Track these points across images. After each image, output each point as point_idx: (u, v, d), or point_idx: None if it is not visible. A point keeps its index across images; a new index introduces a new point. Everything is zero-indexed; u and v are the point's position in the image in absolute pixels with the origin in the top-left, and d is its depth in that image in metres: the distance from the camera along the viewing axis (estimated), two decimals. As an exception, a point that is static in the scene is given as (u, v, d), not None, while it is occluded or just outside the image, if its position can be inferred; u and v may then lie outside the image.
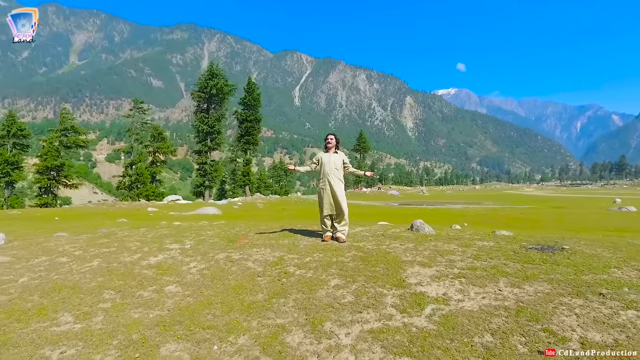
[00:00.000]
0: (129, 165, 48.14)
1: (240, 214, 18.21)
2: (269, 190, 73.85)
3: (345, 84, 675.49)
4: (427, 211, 20.71)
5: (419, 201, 38.42)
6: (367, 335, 2.98)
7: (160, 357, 2.89)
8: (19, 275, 4.91)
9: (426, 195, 54.89)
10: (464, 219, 15.45)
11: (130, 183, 47.30)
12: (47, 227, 10.74)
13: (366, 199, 41.04)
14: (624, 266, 4.16)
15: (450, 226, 8.18)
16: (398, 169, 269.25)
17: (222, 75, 47.29)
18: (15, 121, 47.50)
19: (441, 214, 18.64)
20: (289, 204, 29.30)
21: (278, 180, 79.62)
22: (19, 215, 18.05)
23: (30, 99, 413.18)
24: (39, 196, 44.89)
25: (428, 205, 29.07)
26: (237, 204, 28.34)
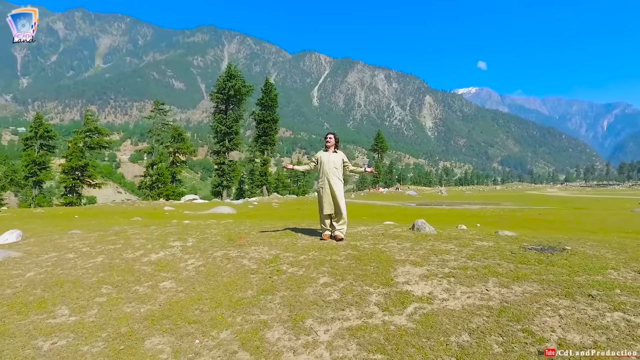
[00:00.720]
0: (150, 165, 49.30)
1: (254, 214, 18.38)
2: (287, 190, 74.28)
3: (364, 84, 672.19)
4: (441, 211, 20.44)
5: (437, 201, 37.92)
6: (345, 333, 3.00)
7: (143, 349, 2.99)
8: (27, 270, 5.13)
9: (444, 195, 54.13)
10: (479, 219, 15.20)
11: (151, 183, 48.42)
12: (65, 225, 11.14)
13: (382, 199, 40.79)
14: (622, 267, 4.04)
15: (457, 226, 8.07)
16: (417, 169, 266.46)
17: (239, 76, 47.84)
18: (42, 123, 49.26)
19: (455, 214, 18.37)
20: (304, 204, 29.41)
21: (295, 180, 79.96)
22: (42, 213, 18.76)
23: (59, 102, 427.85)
24: (65, 195, 46.40)
25: (444, 206, 28.67)
26: (253, 204, 28.64)
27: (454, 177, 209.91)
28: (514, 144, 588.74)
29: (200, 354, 2.89)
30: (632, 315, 2.91)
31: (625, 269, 3.99)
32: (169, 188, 46.97)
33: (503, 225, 12.86)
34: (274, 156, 55.89)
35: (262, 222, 9.61)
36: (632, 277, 3.74)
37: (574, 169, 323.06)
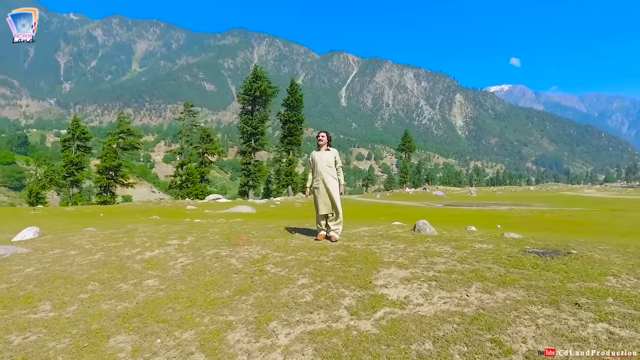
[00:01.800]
0: (180, 165, 50.68)
1: (273, 213, 18.45)
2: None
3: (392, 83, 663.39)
4: (462, 212, 19.84)
5: (464, 202, 36.88)
6: (306, 337, 2.89)
7: (105, 347, 2.99)
8: (28, 266, 5.32)
9: (474, 196, 52.58)
10: (502, 221, 14.65)
11: (181, 182, 49.75)
12: (87, 223, 11.55)
13: (407, 200, 40.11)
14: (625, 274, 3.72)
15: (466, 227, 7.74)
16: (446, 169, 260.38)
17: (265, 77, 48.41)
18: (79, 125, 51.60)
19: (477, 215, 17.76)
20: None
21: (322, 180, 79.97)
22: (72, 212, 19.64)
23: (98, 105, 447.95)
24: (99, 194, 48.40)
25: (470, 207, 27.82)
26: (276, 203, 28.84)
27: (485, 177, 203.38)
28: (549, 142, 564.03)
29: (157, 354, 2.86)
30: (617, 327, 2.64)
31: (628, 276, 3.67)
32: (198, 188, 48.06)
33: (526, 227, 12.33)
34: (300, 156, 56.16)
35: (273, 222, 9.59)
36: (632, 284, 3.43)
37: (615, 168, 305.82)
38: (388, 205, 29.04)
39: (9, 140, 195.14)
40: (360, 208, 23.38)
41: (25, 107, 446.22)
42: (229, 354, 2.78)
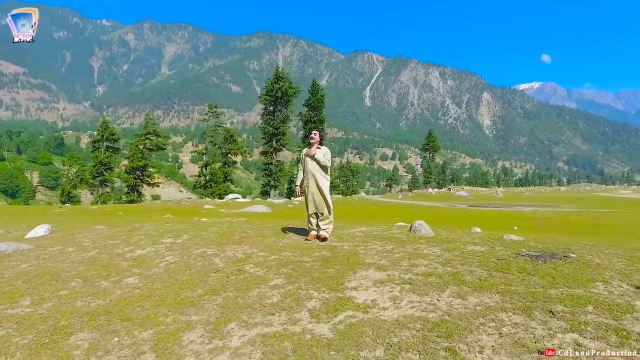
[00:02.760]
0: (204, 165, 51.69)
1: (288, 213, 18.41)
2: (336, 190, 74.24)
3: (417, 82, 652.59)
4: (481, 213, 19.23)
5: (487, 203, 35.83)
6: (259, 339, 2.81)
7: (63, 344, 3.01)
8: (24, 262, 5.48)
9: (500, 197, 51.04)
10: (521, 222, 14.14)
11: (205, 182, 50.72)
12: (99, 221, 11.88)
13: (429, 200, 39.35)
14: (617, 281, 3.44)
15: (470, 229, 7.44)
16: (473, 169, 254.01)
17: (286, 78, 48.71)
18: (107, 127, 53.38)
19: (496, 216, 17.17)
20: (346, 204, 29.20)
21: (345, 180, 79.71)
22: (94, 210, 20.33)
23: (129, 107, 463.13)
24: (127, 193, 49.95)
25: (493, 208, 27.00)
26: (294, 203, 28.89)
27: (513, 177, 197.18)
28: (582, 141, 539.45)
29: (110, 353, 2.84)
30: (588, 338, 2.42)
31: (620, 282, 3.39)
32: (221, 187, 48.83)
33: (544, 229, 11.84)
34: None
35: (279, 221, 9.54)
36: (620, 292, 3.16)
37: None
38: (407, 205, 28.57)
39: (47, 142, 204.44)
40: (375, 208, 23.08)
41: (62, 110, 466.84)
42: (178, 354, 2.73)
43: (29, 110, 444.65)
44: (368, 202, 34.31)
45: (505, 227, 11.87)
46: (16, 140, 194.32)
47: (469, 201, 39.88)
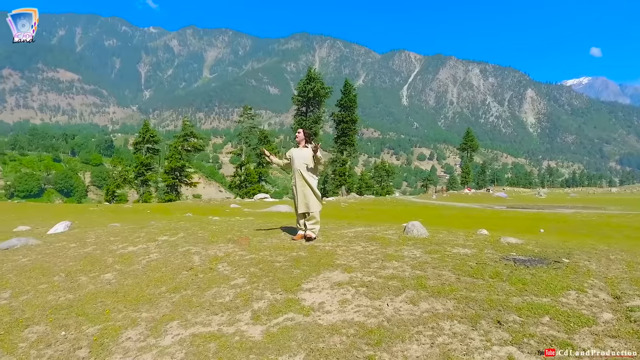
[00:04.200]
0: (239, 166, 52.95)
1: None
2: (370, 190, 73.53)
3: (457, 80, 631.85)
4: (512, 215, 18.28)
5: (527, 204, 34.15)
6: (189, 339, 2.76)
7: (15, 336, 3.10)
8: (25, 257, 5.76)
9: (542, 198, 48.47)
10: (553, 224, 13.42)
11: (240, 182, 51.93)
12: (120, 219, 12.40)
13: (464, 201, 38.01)
14: (596, 289, 3.10)
15: (477, 231, 7.03)
16: (515, 169, 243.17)
17: (319, 79, 48.86)
18: (148, 129, 55.84)
19: (526, 218, 16.27)
20: (376, 205, 28.79)
21: (379, 180, 78.78)
22: (127, 208, 21.32)
23: (173, 110, 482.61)
24: (166, 193, 52.03)
25: (530, 209, 25.70)
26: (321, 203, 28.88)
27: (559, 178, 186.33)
28: (637, 139, 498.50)
29: (51, 346, 2.90)
30: (525, 353, 2.18)
31: (599, 292, 3.05)
32: (255, 187, 49.77)
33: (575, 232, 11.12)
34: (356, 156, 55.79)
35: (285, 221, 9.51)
36: (591, 302, 2.83)
37: None
38: (437, 206, 27.75)
39: (98, 144, 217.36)
40: (402, 209, 22.58)
41: (112, 114, 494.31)
42: (109, 351, 2.74)
43: (83, 114, 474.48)
44: (399, 202, 33.68)
45: (532, 230, 11.27)
46: (71, 142, 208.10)
47: (507, 202, 38.14)
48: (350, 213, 18.61)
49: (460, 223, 12.58)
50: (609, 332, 2.35)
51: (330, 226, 7.40)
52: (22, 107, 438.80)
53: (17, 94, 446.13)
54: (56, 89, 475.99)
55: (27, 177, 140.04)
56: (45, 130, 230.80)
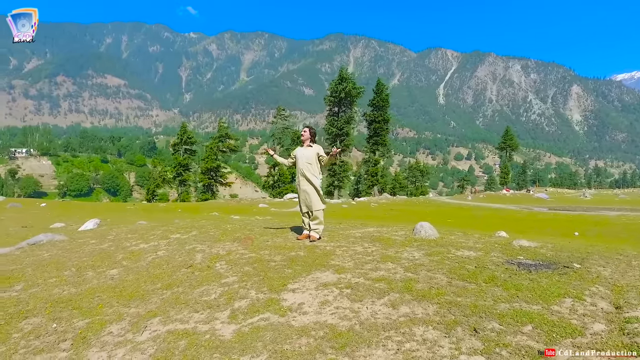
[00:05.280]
0: (272, 166, 53.76)
1: (338, 213, 18.27)
2: (404, 190, 72.33)
3: (496, 77, 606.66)
4: (551, 217, 17.35)
5: (569, 206, 32.31)
6: (164, 336, 2.80)
7: (13, 327, 3.26)
8: (48, 252, 6.09)
9: (587, 199, 45.67)
10: (591, 228, 12.70)
11: (273, 182, 52.73)
12: (148, 217, 12.88)
13: (501, 202, 36.50)
14: (597, 298, 2.86)
15: (495, 233, 6.69)
16: (559, 169, 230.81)
17: (350, 79, 48.72)
18: (186, 131, 57.79)
19: (566, 220, 15.41)
20: (407, 205, 28.28)
21: (414, 180, 77.37)
22: (162, 207, 22.16)
23: (212, 112, 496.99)
24: (203, 192, 53.67)
25: (571, 211, 24.31)
26: (351, 203, 28.70)
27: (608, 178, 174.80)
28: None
29: (39, 337, 3.03)
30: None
31: (600, 300, 2.81)
32: (288, 187, 50.34)
33: (614, 236, 10.48)
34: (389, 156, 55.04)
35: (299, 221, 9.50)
36: (586, 311, 2.60)
37: None
38: (470, 207, 26.84)
39: (142, 146, 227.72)
40: (431, 210, 22.02)
41: (155, 117, 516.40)
42: (88, 344, 2.83)
43: (129, 117, 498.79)
44: (431, 203, 32.90)
45: (567, 233, 10.75)
46: (117, 144, 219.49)
47: (548, 204, 36.26)
48: (378, 213, 18.37)
49: (487, 225, 12.08)
50: (594, 344, 2.14)
51: (342, 226, 7.32)
52: (74, 112, 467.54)
53: (70, 99, 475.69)
54: (104, 94, 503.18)
55: (78, 178, 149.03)
56: (94, 133, 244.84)
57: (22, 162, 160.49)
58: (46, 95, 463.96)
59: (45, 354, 2.75)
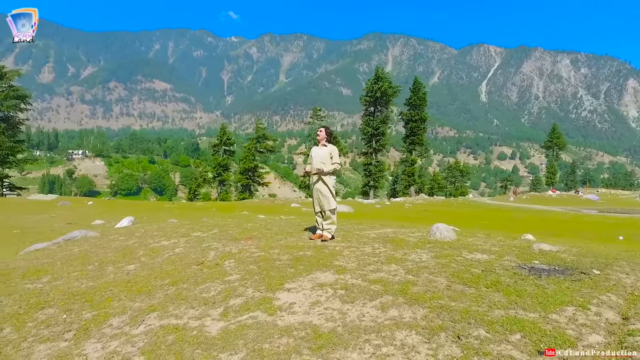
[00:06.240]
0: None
1: (370, 213, 18.12)
2: (442, 191, 70.39)
3: (543, 73, 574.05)
4: (598, 220, 16.26)
5: (622, 208, 30.26)
6: (156, 330, 2.90)
7: (30, 316, 3.50)
8: (80, 247, 6.48)
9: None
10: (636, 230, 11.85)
11: (308, 182, 53.14)
12: (183, 215, 13.36)
13: (546, 203, 34.65)
14: (605, 307, 2.65)
15: (522, 235, 6.34)
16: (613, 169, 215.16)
17: (386, 78, 48.19)
18: (225, 132, 59.51)
19: (614, 224, 14.39)
20: (443, 206, 27.58)
21: (453, 181, 75.17)
22: (197, 206, 22.93)
23: (252, 114, 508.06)
24: (241, 192, 55.04)
25: (620, 214, 22.70)
26: (385, 204, 28.34)
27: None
28: None
29: (49, 327, 3.23)
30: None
31: (607, 310, 2.61)
32: (323, 187, 50.63)
33: None
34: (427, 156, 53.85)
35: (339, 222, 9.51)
36: (587, 321, 2.42)
37: None
38: (509, 209, 25.71)
39: (186, 147, 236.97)
40: (467, 211, 21.30)
41: (199, 119, 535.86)
42: (88, 335, 2.98)
43: (174, 120, 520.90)
44: (469, 204, 31.85)
45: (610, 238, 10.15)
46: (163, 146, 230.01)
47: (597, 206, 34.07)
48: (410, 214, 18.00)
49: (522, 227, 11.49)
50: (584, 357, 1.97)
51: (361, 227, 7.25)
52: (125, 115, 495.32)
53: (121, 103, 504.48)
54: (152, 97, 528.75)
55: (128, 177, 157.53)
56: (142, 135, 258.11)
57: (78, 163, 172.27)
58: (100, 100, 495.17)
59: (49, 342, 2.93)
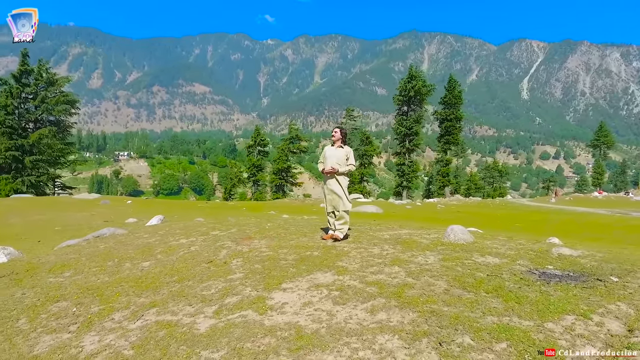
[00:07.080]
0: (340, 168, 54.30)
1: (399, 214, 17.83)
2: (480, 192, 68.11)
3: (590, 68, 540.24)
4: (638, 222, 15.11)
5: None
6: (151, 325, 2.99)
7: (44, 309, 3.71)
8: (106, 244, 6.80)
9: None
10: None
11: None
12: (211, 213, 13.73)
13: (590, 205, 32.65)
14: (611, 317, 2.47)
15: (547, 239, 6.00)
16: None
17: (420, 77, 47.43)
18: (259, 134, 60.62)
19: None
20: (478, 208, 26.74)
21: (491, 181, 72.59)
22: (228, 205, 23.51)
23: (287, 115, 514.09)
24: (274, 192, 55.91)
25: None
26: (416, 205, 27.79)
27: None
28: None
29: (59, 319, 3.41)
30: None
31: (613, 320, 2.42)
32: (357, 188, 50.37)
33: None
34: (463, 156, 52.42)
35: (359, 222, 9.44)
36: (583, 331, 2.26)
37: None
38: (548, 211, 24.44)
39: (224, 148, 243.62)
40: (502, 213, 20.46)
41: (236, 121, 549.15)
42: (89, 328, 3.12)
43: (213, 122, 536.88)
44: (506, 206, 30.61)
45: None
46: (202, 147, 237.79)
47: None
48: (440, 215, 17.52)
49: (556, 230, 10.88)
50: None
51: (378, 227, 7.15)
52: (167, 118, 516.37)
53: (164, 106, 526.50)
54: (192, 100, 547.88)
55: (169, 178, 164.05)
56: (183, 137, 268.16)
57: (124, 163, 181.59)
58: (144, 103, 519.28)
59: (54, 334, 3.10)
